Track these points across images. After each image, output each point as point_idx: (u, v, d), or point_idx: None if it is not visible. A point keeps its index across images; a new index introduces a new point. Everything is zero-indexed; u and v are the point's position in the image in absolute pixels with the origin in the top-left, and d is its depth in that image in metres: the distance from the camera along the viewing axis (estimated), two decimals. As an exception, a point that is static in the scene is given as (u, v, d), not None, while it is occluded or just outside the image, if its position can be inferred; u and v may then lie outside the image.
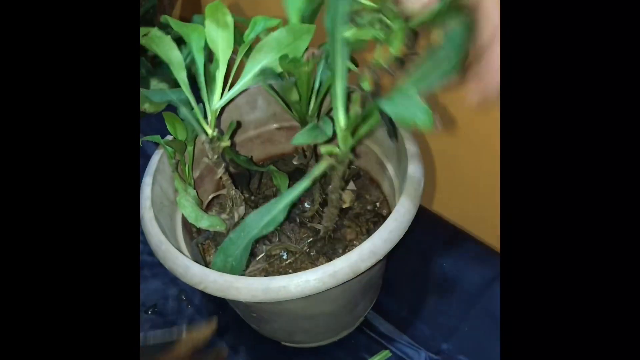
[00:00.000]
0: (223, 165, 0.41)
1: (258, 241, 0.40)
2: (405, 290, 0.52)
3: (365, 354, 0.47)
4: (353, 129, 0.36)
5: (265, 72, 0.38)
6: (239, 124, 0.49)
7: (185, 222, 0.43)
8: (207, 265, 0.43)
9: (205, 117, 0.38)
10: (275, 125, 0.51)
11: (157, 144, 0.42)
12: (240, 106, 0.48)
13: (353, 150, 0.37)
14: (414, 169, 0.38)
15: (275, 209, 0.37)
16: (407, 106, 0.28)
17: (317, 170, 0.38)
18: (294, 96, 0.39)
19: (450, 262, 0.53)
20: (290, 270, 0.41)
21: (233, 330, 0.50)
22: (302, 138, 0.35)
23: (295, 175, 0.47)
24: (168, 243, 0.37)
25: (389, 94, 0.32)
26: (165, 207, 0.41)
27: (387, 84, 0.33)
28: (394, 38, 0.31)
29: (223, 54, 0.37)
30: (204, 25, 0.37)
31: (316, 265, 0.40)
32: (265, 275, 0.39)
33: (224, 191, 0.43)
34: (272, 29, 0.38)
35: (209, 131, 0.39)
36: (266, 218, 0.37)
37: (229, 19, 0.36)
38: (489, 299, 0.50)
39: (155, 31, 0.36)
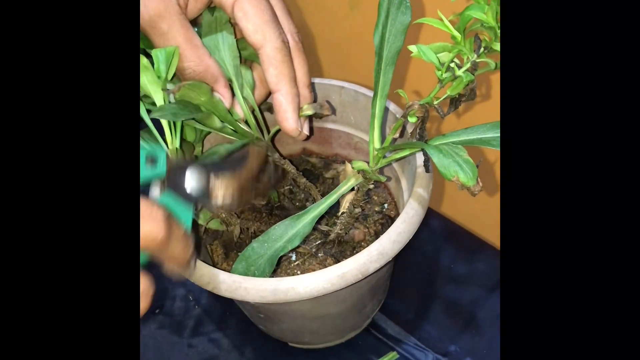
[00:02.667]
0: None
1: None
2: (413, 292, 0.52)
3: (372, 356, 0.47)
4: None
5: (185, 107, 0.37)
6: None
7: (193, 222, 0.43)
8: (214, 265, 0.43)
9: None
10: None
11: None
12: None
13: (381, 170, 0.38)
14: (423, 171, 0.38)
15: (300, 223, 0.38)
16: (455, 160, 0.29)
17: (344, 185, 0.39)
18: (215, 123, 0.39)
19: (457, 264, 0.53)
20: (299, 272, 0.41)
21: (240, 330, 0.50)
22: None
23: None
24: (177, 243, 0.37)
25: (437, 141, 0.32)
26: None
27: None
28: (459, 83, 0.31)
29: (155, 95, 0.37)
30: None
31: (324, 267, 0.40)
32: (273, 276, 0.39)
33: None
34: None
35: None
36: (291, 231, 0.37)
37: (145, 62, 0.36)
38: (496, 300, 0.50)
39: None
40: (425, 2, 0.49)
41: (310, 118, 0.41)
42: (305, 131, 0.39)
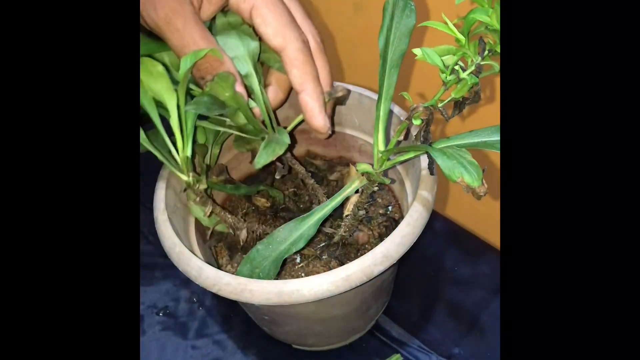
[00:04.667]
0: (209, 202, 0.41)
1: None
2: (417, 294, 0.52)
3: (376, 358, 0.47)
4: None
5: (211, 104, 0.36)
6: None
7: (198, 225, 0.43)
8: (219, 267, 0.43)
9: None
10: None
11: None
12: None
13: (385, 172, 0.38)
14: (427, 174, 0.38)
15: (305, 225, 0.38)
16: (459, 162, 0.29)
17: (349, 187, 0.39)
18: (241, 120, 0.39)
19: (461, 266, 0.53)
20: (303, 274, 0.42)
21: (244, 332, 0.50)
22: (262, 158, 0.36)
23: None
24: (182, 245, 0.37)
25: (441, 144, 0.32)
26: (178, 209, 0.41)
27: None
28: (463, 86, 0.31)
29: (169, 102, 0.37)
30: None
31: (328, 269, 0.40)
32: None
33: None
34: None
35: (184, 178, 0.38)
36: (296, 233, 0.37)
37: (161, 69, 0.36)
38: (499, 303, 0.50)
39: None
40: (429, 5, 0.49)
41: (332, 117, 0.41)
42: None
